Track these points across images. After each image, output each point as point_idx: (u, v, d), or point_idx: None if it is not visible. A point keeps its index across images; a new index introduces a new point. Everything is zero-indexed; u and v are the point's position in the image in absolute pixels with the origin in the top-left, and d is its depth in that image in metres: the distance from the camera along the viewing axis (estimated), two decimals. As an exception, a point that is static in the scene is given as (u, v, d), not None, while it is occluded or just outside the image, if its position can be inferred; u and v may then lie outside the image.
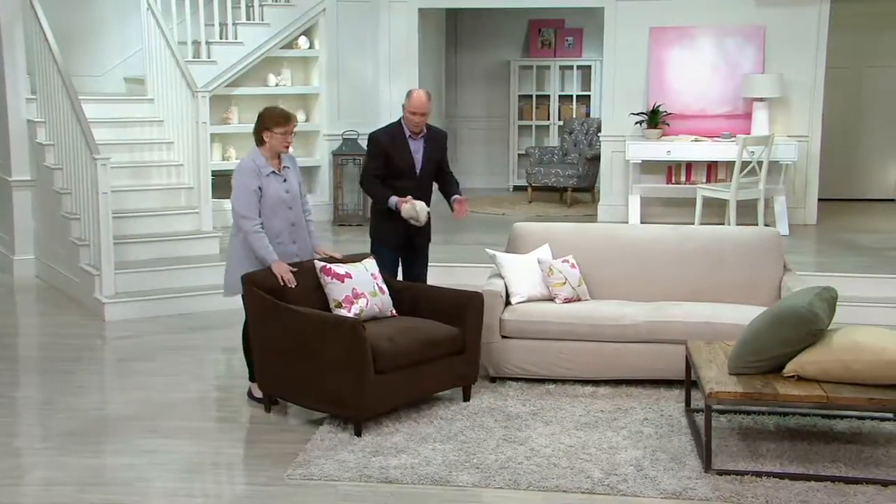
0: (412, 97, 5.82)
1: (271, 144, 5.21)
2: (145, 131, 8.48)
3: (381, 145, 5.86)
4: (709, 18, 9.40)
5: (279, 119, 5.19)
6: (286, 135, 5.20)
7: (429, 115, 5.89)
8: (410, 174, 5.88)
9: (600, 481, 4.29)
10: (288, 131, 5.21)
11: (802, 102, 9.33)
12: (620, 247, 6.00)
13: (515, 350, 5.55)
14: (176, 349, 6.38)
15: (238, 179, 5.18)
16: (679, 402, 5.23)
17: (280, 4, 9.43)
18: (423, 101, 5.80)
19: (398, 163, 5.84)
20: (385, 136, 5.88)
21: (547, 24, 12.10)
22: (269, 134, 5.18)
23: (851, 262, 7.70)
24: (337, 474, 4.38)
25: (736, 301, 5.69)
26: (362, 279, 5.26)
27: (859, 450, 4.59)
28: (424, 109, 5.81)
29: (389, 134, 5.90)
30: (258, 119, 5.25)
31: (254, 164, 5.20)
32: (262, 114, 5.26)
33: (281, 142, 5.20)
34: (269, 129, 5.17)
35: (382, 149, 5.84)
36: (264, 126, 5.19)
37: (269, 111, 5.28)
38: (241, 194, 5.15)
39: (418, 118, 5.81)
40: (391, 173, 5.85)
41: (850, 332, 4.53)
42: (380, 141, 5.87)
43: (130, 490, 4.28)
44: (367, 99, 9.88)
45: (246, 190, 5.14)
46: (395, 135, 5.88)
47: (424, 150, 5.91)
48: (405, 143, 5.87)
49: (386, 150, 5.84)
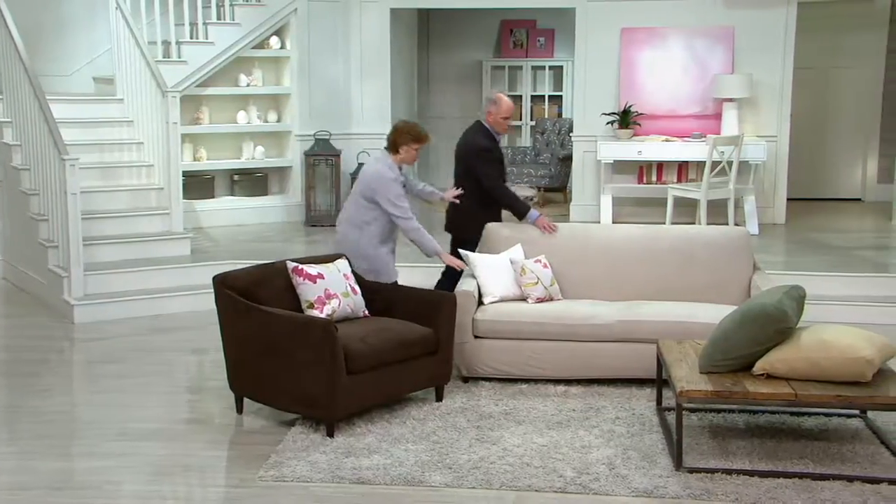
0: (503, 103, 6.12)
1: (405, 157, 5.70)
2: (115, 131, 8.41)
3: (493, 152, 6.19)
4: (679, 20, 9.46)
5: (419, 136, 5.70)
6: (418, 151, 5.74)
7: None
8: (504, 173, 6.31)
9: (572, 480, 4.30)
10: (421, 148, 5.74)
11: (771, 103, 9.42)
12: (592, 246, 6.02)
13: (488, 350, 5.55)
14: (146, 351, 6.33)
15: (387, 187, 5.61)
16: (650, 401, 5.26)
17: (251, 4, 9.38)
18: (511, 106, 6.17)
19: (503, 165, 6.26)
20: (492, 143, 6.20)
21: (519, 25, 12.13)
22: (406, 147, 5.68)
23: (819, 260, 7.78)
24: (309, 475, 4.36)
25: (706, 300, 5.73)
26: (334, 280, 5.25)
27: (826, 446, 4.64)
28: (512, 113, 6.23)
29: (490, 139, 6.21)
30: (396, 131, 5.71)
31: (392, 173, 5.66)
32: (402, 128, 5.72)
33: (413, 156, 5.74)
34: (407, 143, 5.66)
35: (495, 155, 6.20)
36: (404, 140, 5.66)
37: (409, 126, 5.75)
38: (398, 200, 5.62)
39: (508, 122, 6.20)
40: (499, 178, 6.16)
41: (818, 330, 4.58)
42: (492, 148, 6.18)
43: (99, 493, 4.24)
44: (339, 99, 9.86)
45: (399, 196, 5.64)
46: (492, 139, 6.21)
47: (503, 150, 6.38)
48: (498, 146, 6.26)
49: (497, 156, 6.20)
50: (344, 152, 9.64)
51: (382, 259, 5.75)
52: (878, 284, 7.19)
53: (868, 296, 7.05)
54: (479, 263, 5.81)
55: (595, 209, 9.55)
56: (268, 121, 9.69)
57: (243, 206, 9.52)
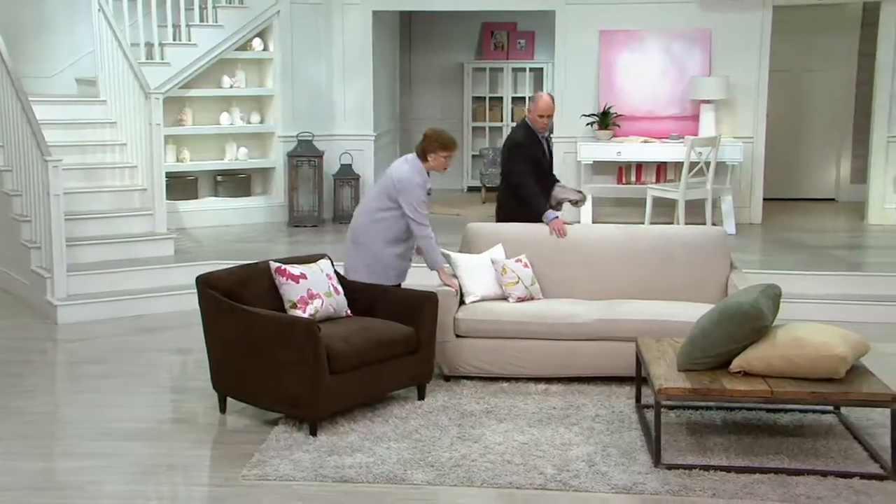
0: (539, 101, 6.24)
1: (434, 164, 5.62)
2: (97, 133, 8.36)
3: (528, 149, 6.24)
4: (656, 22, 9.49)
5: (448, 144, 5.62)
6: (448, 159, 5.64)
7: (553, 116, 6.34)
8: (546, 171, 6.39)
9: (553, 477, 4.30)
10: (450, 156, 5.65)
11: (747, 104, 9.46)
12: (572, 246, 6.03)
13: (469, 349, 5.55)
14: (129, 351, 6.29)
15: (413, 191, 5.56)
16: (630, 399, 5.27)
17: (234, 6, 9.34)
18: (549, 103, 6.22)
19: (540, 162, 6.30)
20: (527, 141, 6.26)
21: (499, 27, 12.13)
22: (434, 155, 5.60)
23: (795, 259, 7.83)
24: (292, 474, 4.34)
25: (684, 299, 5.75)
26: (317, 280, 5.23)
27: (801, 442, 4.67)
28: (551, 111, 6.26)
29: (528, 137, 6.27)
30: (425, 139, 5.64)
31: (420, 177, 5.60)
32: (430, 136, 5.64)
33: (442, 164, 5.64)
34: (434, 151, 5.59)
35: (530, 152, 6.23)
36: (431, 147, 5.59)
37: (437, 134, 5.64)
38: (420, 206, 5.57)
39: (546, 120, 6.25)
40: (533, 173, 6.21)
41: (793, 328, 4.60)
42: (526, 145, 6.25)
43: (82, 493, 4.21)
44: (321, 101, 9.83)
45: (421, 202, 5.59)
46: (532, 137, 6.28)
47: (548, 146, 6.44)
48: (540, 143, 6.33)
49: (532, 153, 6.24)
50: (326, 153, 9.61)
51: (384, 259, 5.65)
52: (851, 283, 7.24)
53: (842, 294, 7.10)
54: (460, 263, 5.80)
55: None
56: (251, 122, 9.66)
57: (226, 206, 9.48)
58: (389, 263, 5.66)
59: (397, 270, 5.71)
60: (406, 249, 5.72)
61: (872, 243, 8.69)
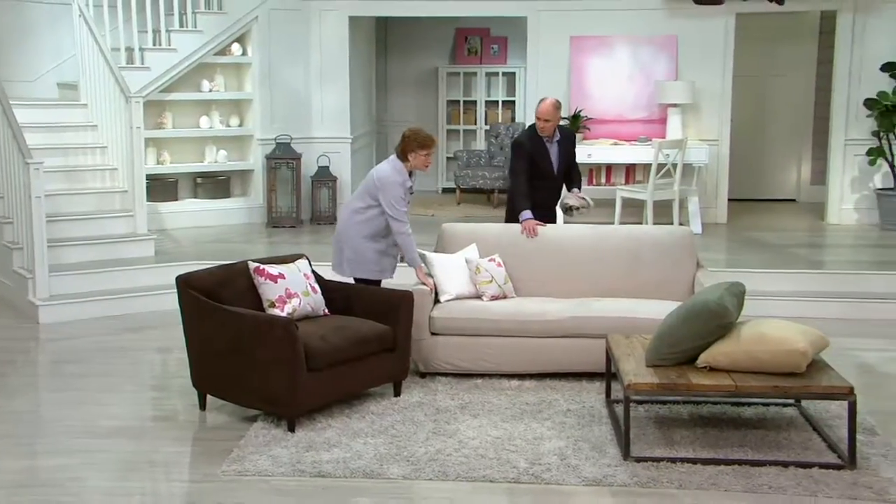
0: (540, 105, 6.24)
1: (414, 163, 5.59)
2: (79, 136, 8.27)
3: (526, 149, 6.23)
4: (625, 29, 9.53)
5: (426, 141, 5.57)
6: (428, 156, 5.59)
7: (555, 121, 6.29)
8: (549, 175, 6.34)
9: (525, 470, 4.31)
10: (430, 153, 5.60)
11: (712, 108, 9.53)
12: (544, 246, 6.04)
13: (444, 346, 5.55)
14: (111, 350, 6.24)
15: (391, 190, 5.53)
16: (600, 394, 5.29)
17: (213, 12, 9.27)
18: (547, 108, 6.20)
19: (540, 165, 6.25)
20: (528, 141, 6.25)
21: (473, 33, 12.14)
22: (414, 154, 5.56)
23: (758, 258, 7.89)
24: (271, 469, 4.32)
25: (652, 296, 5.77)
26: (295, 279, 5.21)
27: (764, 434, 4.71)
28: (549, 116, 6.21)
29: (531, 139, 6.26)
30: (404, 139, 5.59)
31: (399, 177, 5.57)
32: (409, 136, 5.58)
33: (423, 162, 5.60)
34: (413, 150, 5.55)
35: (527, 152, 6.22)
36: (410, 147, 5.55)
37: (416, 133, 5.59)
38: (398, 203, 5.54)
39: (542, 123, 6.22)
40: (533, 175, 6.21)
41: (756, 324, 4.63)
42: (524, 145, 6.25)
43: (64, 491, 4.16)
44: (299, 104, 9.79)
45: (401, 200, 5.55)
46: (535, 139, 6.27)
47: (559, 152, 6.34)
48: (544, 147, 6.29)
49: (530, 153, 6.22)
50: (304, 156, 9.57)
51: (365, 254, 5.65)
52: (812, 280, 7.31)
53: (803, 291, 7.16)
54: (435, 263, 5.80)
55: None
56: (230, 125, 9.60)
57: (206, 208, 9.42)
58: (369, 258, 5.65)
59: (379, 266, 5.69)
60: (387, 246, 5.70)
61: (831, 242, 8.78)
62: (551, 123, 6.26)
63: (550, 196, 6.43)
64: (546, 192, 6.36)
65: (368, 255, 5.66)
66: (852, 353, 6.01)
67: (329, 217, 9.64)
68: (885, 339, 6.44)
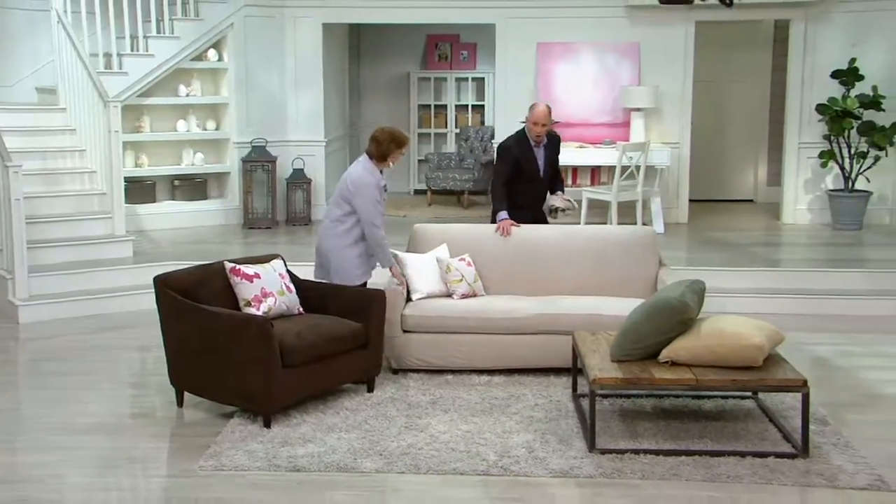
0: (534, 110, 6.15)
1: (392, 163, 5.50)
2: (57, 139, 8.17)
3: (512, 153, 6.17)
4: (590, 35, 9.57)
5: (402, 140, 5.48)
6: (401, 154, 5.50)
7: (549, 126, 6.22)
8: (535, 178, 6.25)
9: (495, 463, 4.31)
10: (404, 151, 5.51)
11: (673, 112, 9.59)
12: (513, 246, 6.05)
13: (416, 343, 5.53)
14: (90, 349, 6.17)
15: (365, 192, 5.40)
16: (566, 388, 5.31)
17: (189, 19, 9.20)
18: (543, 113, 6.12)
19: (525, 168, 6.18)
20: (515, 145, 6.19)
21: (443, 39, 12.13)
22: (394, 155, 5.47)
23: (718, 256, 7.95)
24: (247, 464, 4.29)
25: (617, 294, 5.79)
26: (270, 279, 5.18)
27: (723, 426, 4.74)
28: (545, 121, 6.13)
29: (518, 143, 6.19)
30: (379, 142, 5.45)
31: (373, 178, 5.45)
32: (385, 138, 5.45)
33: (398, 159, 5.52)
34: (392, 152, 5.45)
35: (513, 156, 6.15)
36: (389, 150, 5.44)
37: (390, 134, 5.48)
38: (370, 207, 5.40)
39: (539, 128, 6.14)
40: (519, 178, 6.16)
41: (716, 320, 4.67)
42: (511, 149, 6.18)
43: (43, 487, 4.11)
44: (274, 109, 9.73)
45: (374, 202, 5.41)
46: (522, 143, 6.20)
47: (545, 155, 6.28)
48: (531, 151, 6.21)
49: (516, 157, 6.15)
50: (280, 158, 9.52)
51: (350, 262, 5.51)
52: (768, 277, 7.38)
53: (760, 288, 7.23)
54: (407, 262, 5.79)
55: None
56: (206, 129, 9.52)
57: (183, 209, 9.33)
58: (354, 264, 5.54)
59: (361, 270, 5.60)
60: (367, 247, 5.58)
61: (786, 241, 8.87)
62: (546, 128, 6.19)
63: (537, 199, 6.37)
64: (532, 196, 6.31)
65: (353, 262, 5.53)
66: (806, 347, 6.08)
67: (304, 218, 9.60)
68: (837, 334, 6.51)
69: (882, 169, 9.21)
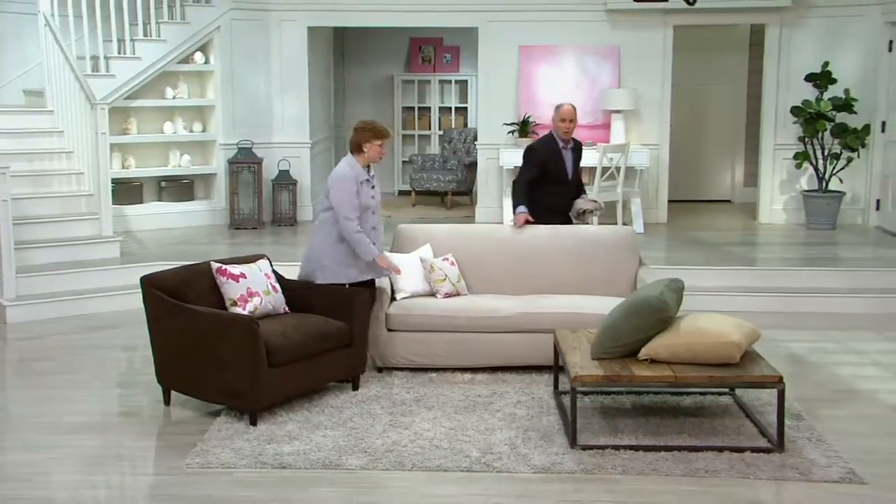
0: (561, 109, 6.20)
1: (369, 155, 5.32)
2: (45, 141, 8.11)
3: (539, 155, 6.17)
4: (571, 39, 9.59)
5: (380, 132, 5.31)
6: (382, 147, 5.32)
7: (576, 123, 6.24)
8: (563, 180, 6.25)
9: (478, 460, 4.31)
10: (384, 143, 5.33)
11: (653, 114, 9.63)
12: (495, 245, 6.05)
13: (400, 342, 5.53)
14: (78, 348, 6.13)
15: (339, 185, 5.25)
16: (548, 386, 5.32)
17: (176, 22, 9.15)
18: (569, 110, 6.18)
19: (554, 170, 6.17)
20: (542, 148, 6.20)
21: (427, 42, 12.13)
22: (369, 145, 5.29)
23: (696, 256, 7.99)
24: (233, 462, 4.28)
25: (597, 293, 5.81)
26: (256, 279, 5.16)
27: (701, 422, 4.77)
28: (572, 117, 6.18)
29: (546, 145, 6.20)
30: (356, 131, 5.33)
31: (352, 171, 5.29)
32: (363, 126, 5.34)
33: (378, 153, 5.33)
34: (369, 140, 5.28)
35: (540, 158, 6.15)
36: (364, 138, 5.29)
37: (369, 124, 5.36)
38: (344, 198, 5.23)
39: (567, 125, 6.17)
40: (547, 180, 6.15)
41: (694, 318, 4.69)
42: (538, 151, 6.20)
43: (32, 485, 4.08)
44: (260, 111, 9.70)
45: (348, 195, 5.23)
46: (550, 145, 6.22)
47: (573, 157, 6.29)
48: (559, 153, 6.22)
49: (544, 158, 6.15)
50: (265, 160, 9.49)
51: (337, 258, 5.32)
52: (745, 276, 7.42)
53: (737, 286, 7.26)
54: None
55: (498, 211, 9.63)
56: (193, 131, 9.48)
57: (170, 210, 9.29)
58: (344, 262, 5.36)
59: (357, 268, 5.37)
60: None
61: (763, 240, 8.92)
62: (573, 125, 6.21)
63: (565, 201, 6.32)
64: (561, 198, 6.28)
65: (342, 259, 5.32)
66: (782, 344, 6.12)
67: (290, 219, 9.57)
68: (812, 331, 6.56)
69: (854, 170, 9.28)
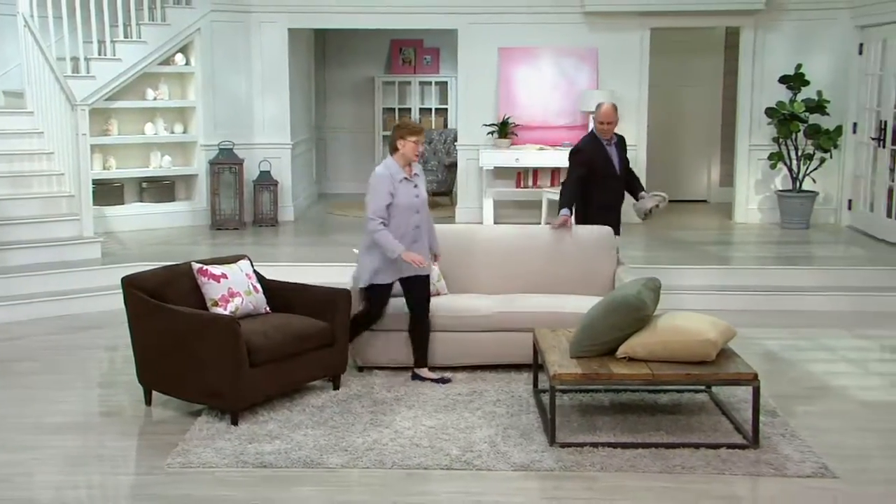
0: (600, 109, 6.24)
1: (404, 152, 5.23)
2: (25, 142, 8.03)
3: (584, 155, 6.22)
4: (549, 40, 9.61)
5: (413, 129, 5.25)
6: (417, 143, 5.23)
7: (615, 123, 6.28)
8: (612, 175, 6.30)
9: (458, 458, 4.32)
10: (419, 140, 5.25)
11: (630, 116, 9.66)
12: (476, 245, 6.06)
13: (381, 341, 5.52)
14: (59, 349, 6.07)
15: (372, 184, 5.20)
16: (527, 384, 5.32)
17: (156, 23, 9.09)
18: (609, 111, 6.22)
19: (601, 167, 6.23)
20: (587, 147, 6.25)
21: (407, 44, 12.12)
22: (403, 142, 5.21)
23: (673, 255, 8.03)
24: (215, 461, 4.26)
25: (576, 292, 5.83)
26: (237, 279, 5.14)
27: (678, 419, 4.79)
28: (610, 118, 6.22)
29: (590, 144, 6.26)
30: (393, 129, 5.28)
31: (387, 170, 5.21)
32: (397, 124, 5.29)
33: (412, 149, 5.24)
34: (403, 137, 5.20)
35: (585, 158, 6.20)
36: (399, 135, 5.22)
37: (403, 122, 5.34)
38: (372, 197, 5.18)
39: (606, 126, 6.22)
40: (596, 178, 6.20)
41: (671, 317, 4.71)
42: (583, 151, 6.25)
43: (13, 486, 4.05)
44: (241, 112, 9.66)
45: (377, 193, 5.16)
46: (594, 144, 6.27)
47: (618, 153, 6.34)
48: (604, 150, 6.27)
49: (589, 157, 6.21)
50: (246, 161, 9.45)
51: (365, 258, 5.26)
52: (721, 275, 7.46)
53: (713, 285, 7.30)
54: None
55: (478, 211, 9.64)
56: (174, 132, 9.42)
57: (151, 211, 9.22)
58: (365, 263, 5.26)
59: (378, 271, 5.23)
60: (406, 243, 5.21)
61: (738, 240, 8.97)
62: (612, 126, 6.26)
63: (615, 197, 6.39)
64: (611, 193, 6.33)
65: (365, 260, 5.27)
66: (757, 341, 6.16)
67: (271, 219, 9.53)
68: (786, 329, 6.61)
69: (827, 170, 9.36)
